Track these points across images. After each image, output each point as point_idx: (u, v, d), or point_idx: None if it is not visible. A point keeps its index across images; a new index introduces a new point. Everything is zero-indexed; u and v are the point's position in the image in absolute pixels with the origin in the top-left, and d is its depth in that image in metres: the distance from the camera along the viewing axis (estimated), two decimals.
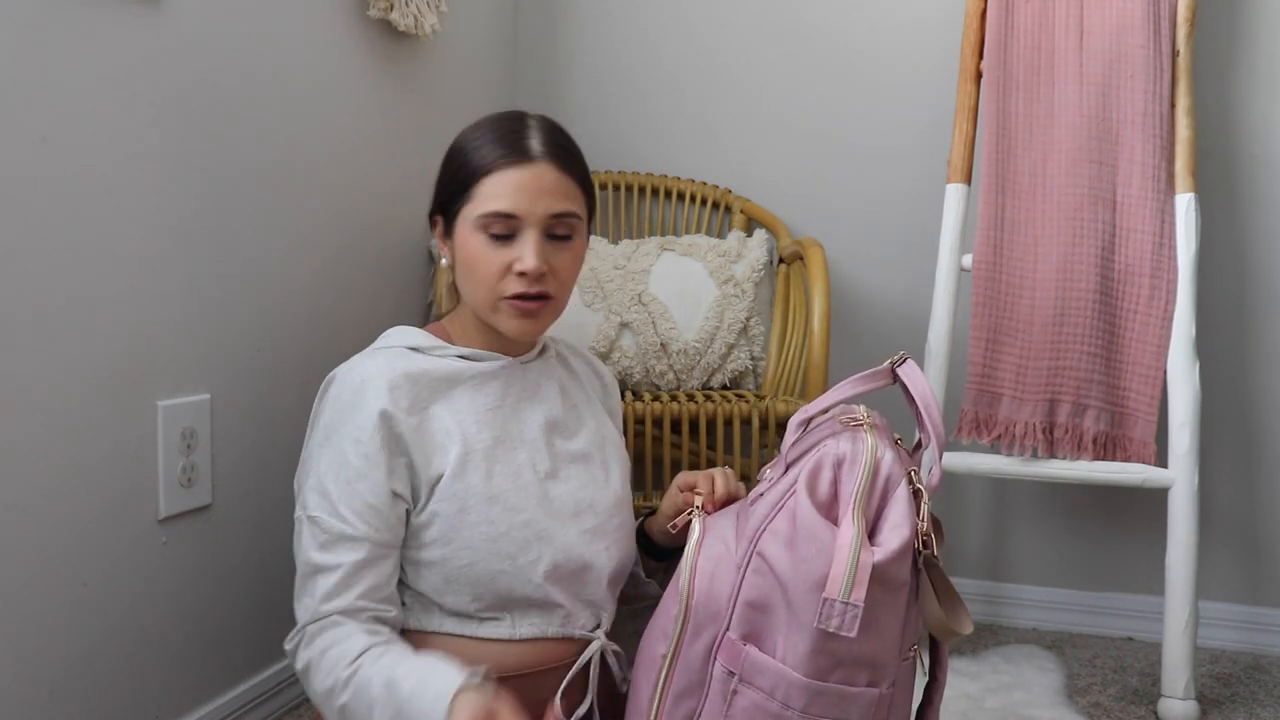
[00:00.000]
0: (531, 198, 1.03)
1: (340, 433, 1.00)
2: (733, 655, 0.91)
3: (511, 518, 1.01)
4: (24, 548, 1.06)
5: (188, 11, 1.25)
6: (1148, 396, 1.62)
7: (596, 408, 1.18)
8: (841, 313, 2.03)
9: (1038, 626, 1.97)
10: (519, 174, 1.03)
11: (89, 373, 1.13)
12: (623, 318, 1.74)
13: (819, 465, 0.91)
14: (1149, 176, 1.63)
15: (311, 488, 1.00)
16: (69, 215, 1.10)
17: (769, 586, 0.91)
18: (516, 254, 1.03)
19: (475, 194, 1.03)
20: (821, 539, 0.86)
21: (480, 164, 1.04)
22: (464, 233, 1.05)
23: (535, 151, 1.04)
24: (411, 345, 1.07)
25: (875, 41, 2.00)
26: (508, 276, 1.03)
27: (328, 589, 0.97)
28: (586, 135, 2.19)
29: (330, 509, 0.98)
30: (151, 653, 1.24)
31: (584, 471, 1.10)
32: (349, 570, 0.98)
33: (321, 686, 0.95)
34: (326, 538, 0.98)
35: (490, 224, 1.03)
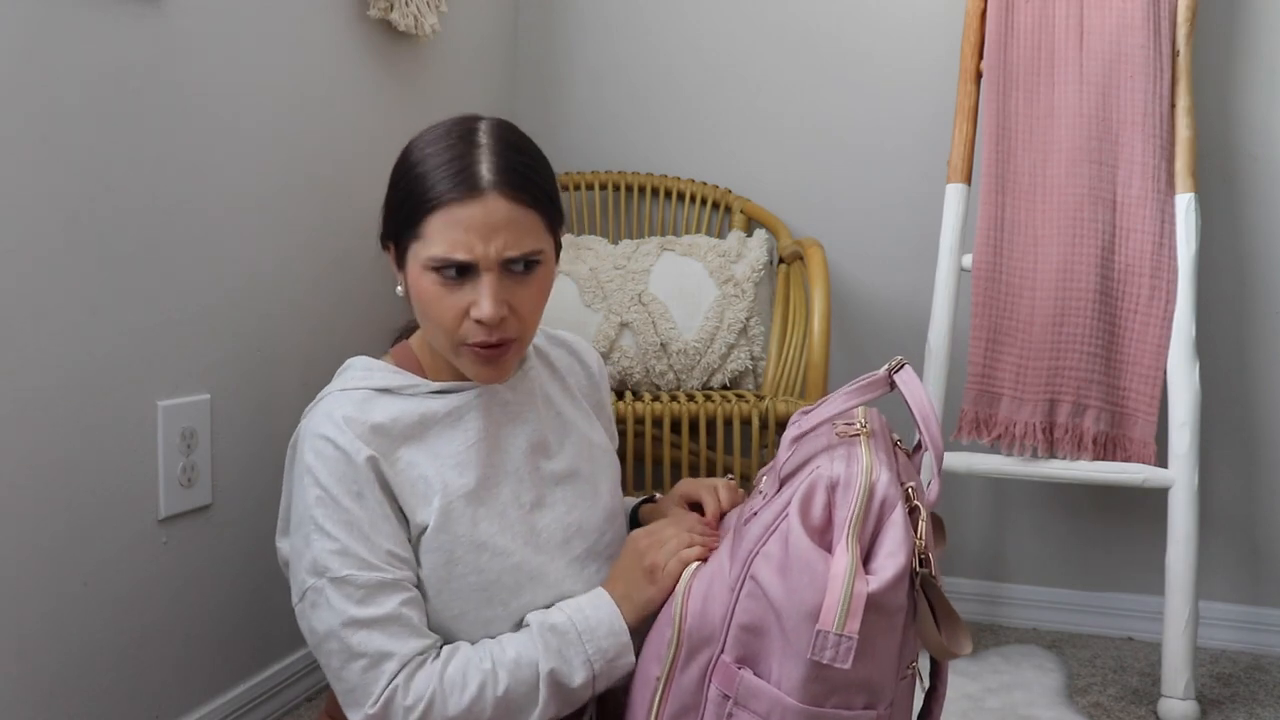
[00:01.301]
0: (483, 239, 0.92)
1: (337, 491, 0.93)
2: (727, 679, 0.89)
3: (501, 563, 0.97)
4: (24, 547, 1.06)
5: (188, 11, 1.25)
6: (1148, 396, 1.62)
7: (581, 407, 1.13)
8: (841, 313, 2.03)
9: (1038, 626, 1.97)
10: (466, 211, 0.92)
11: (89, 373, 1.13)
12: (623, 318, 1.74)
13: (812, 488, 0.88)
14: (1149, 176, 1.63)
15: (327, 551, 0.92)
16: (69, 215, 1.10)
17: (763, 610, 0.88)
18: (471, 298, 0.94)
19: (423, 232, 0.94)
20: (814, 568, 0.84)
21: (426, 198, 0.93)
22: (414, 271, 0.95)
23: (485, 181, 0.93)
24: (379, 386, 0.99)
25: (876, 42, 2.00)
26: (465, 322, 0.95)
27: (392, 635, 0.92)
28: (586, 135, 2.21)
29: (359, 563, 0.92)
30: (151, 652, 1.24)
31: (571, 493, 1.05)
32: (405, 613, 0.93)
33: (460, 702, 0.91)
34: (364, 592, 0.91)
35: (441, 267, 0.93)
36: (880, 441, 0.95)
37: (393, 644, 0.91)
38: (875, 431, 0.97)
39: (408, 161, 0.98)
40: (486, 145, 0.95)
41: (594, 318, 1.75)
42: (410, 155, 0.98)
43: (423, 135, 0.99)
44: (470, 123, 0.98)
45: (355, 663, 0.91)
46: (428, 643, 0.93)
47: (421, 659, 0.92)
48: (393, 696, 0.90)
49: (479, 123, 0.98)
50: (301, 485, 0.95)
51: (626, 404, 1.64)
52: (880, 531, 0.87)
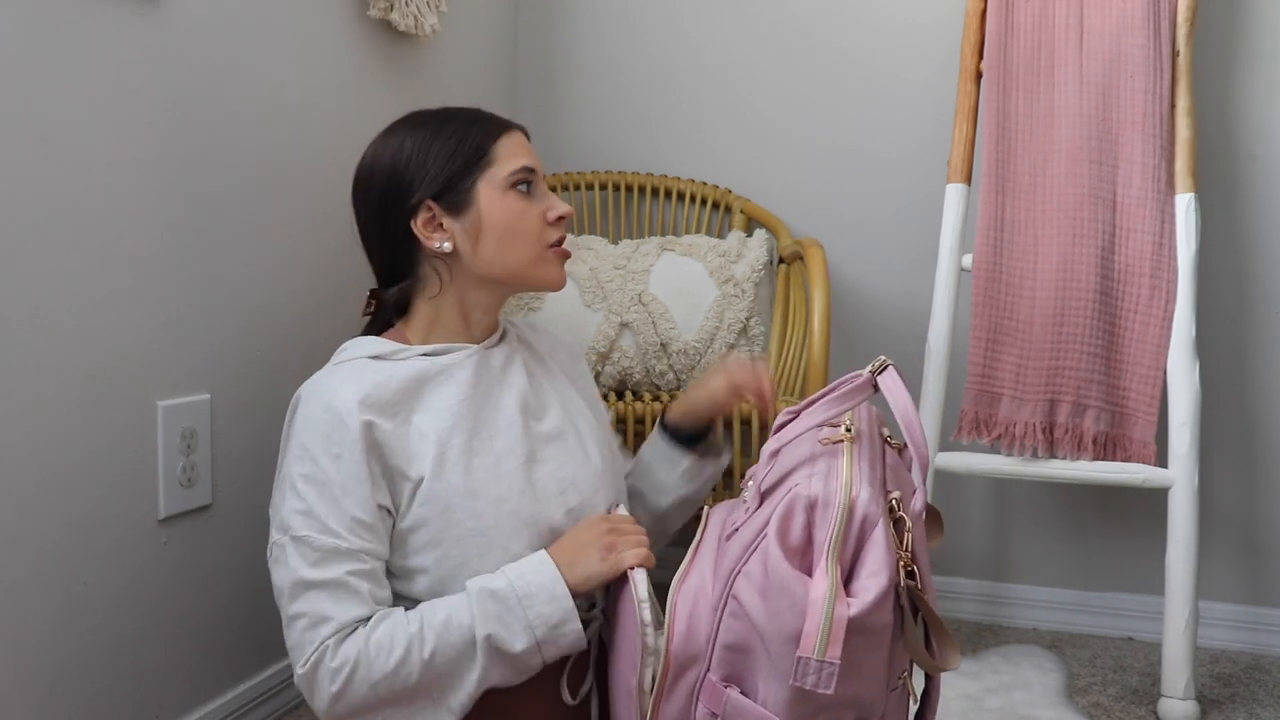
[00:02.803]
0: (532, 155, 1.12)
1: (315, 450, 0.98)
2: (714, 698, 0.88)
3: (497, 509, 1.01)
4: (24, 547, 1.06)
5: (188, 11, 1.25)
6: (1148, 396, 1.62)
7: (561, 383, 1.19)
8: (841, 313, 2.03)
9: (1038, 626, 1.97)
10: (519, 137, 1.12)
11: (89, 373, 1.13)
12: (623, 318, 1.74)
13: (790, 509, 0.85)
14: (1149, 176, 1.63)
15: (293, 510, 0.98)
16: (69, 215, 1.10)
17: (746, 630, 0.87)
18: (546, 204, 1.11)
19: (496, 157, 1.08)
20: (794, 593, 0.81)
21: (486, 131, 1.09)
22: (491, 198, 1.08)
23: (508, 120, 1.13)
24: (372, 354, 1.06)
25: (876, 42, 2.00)
26: (546, 227, 1.10)
27: (337, 600, 0.95)
28: (586, 135, 2.21)
29: (319, 526, 0.97)
30: (151, 652, 1.24)
31: (561, 450, 1.10)
32: (353, 581, 0.96)
33: (384, 665, 0.93)
34: (318, 555, 0.96)
35: (520, 179, 1.08)
36: (865, 447, 0.93)
37: (334, 608, 0.95)
38: (861, 433, 0.95)
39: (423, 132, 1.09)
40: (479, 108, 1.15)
41: (594, 318, 1.75)
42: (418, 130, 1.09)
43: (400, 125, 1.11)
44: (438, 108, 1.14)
45: (298, 621, 0.96)
46: (368, 612, 0.96)
47: (349, 630, 0.95)
48: (321, 658, 0.94)
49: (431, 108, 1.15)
50: (287, 446, 1.02)
51: (627, 404, 1.64)
52: (862, 550, 0.84)
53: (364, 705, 0.95)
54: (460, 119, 1.10)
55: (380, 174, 1.09)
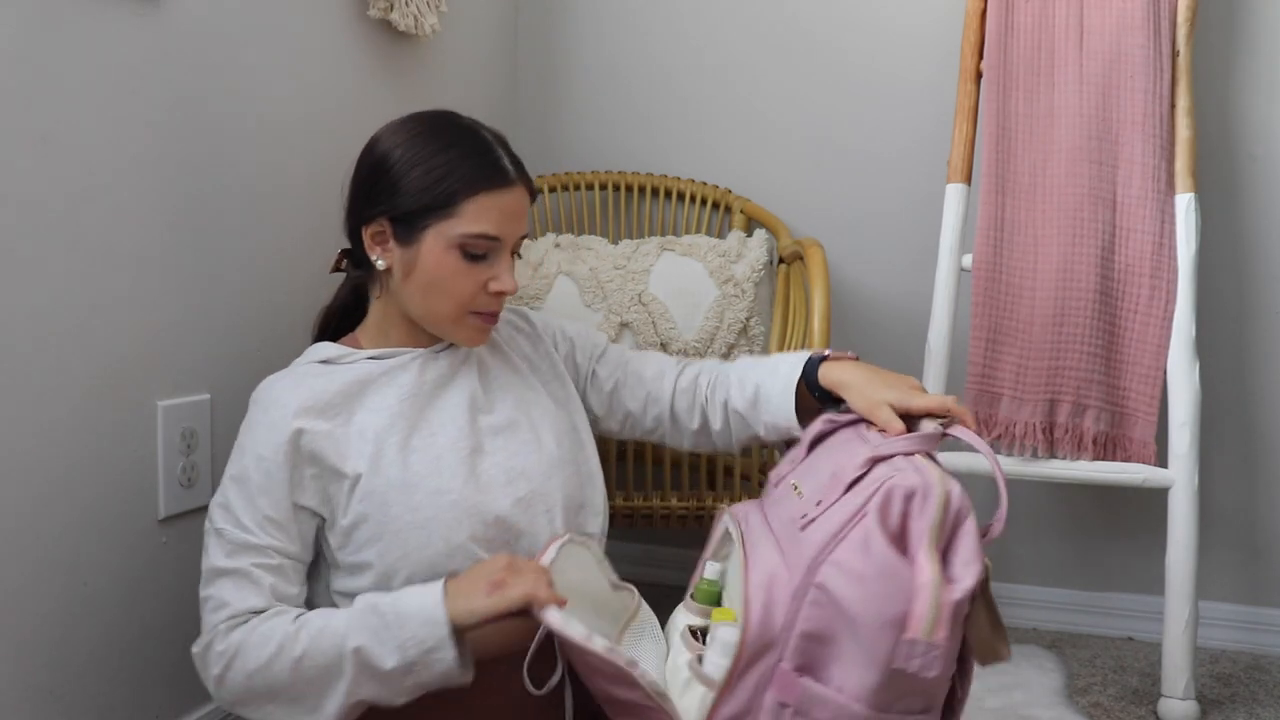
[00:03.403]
0: (511, 222, 1.08)
1: (246, 450, 1.03)
2: (787, 687, 0.88)
3: (436, 500, 1.03)
4: (24, 547, 1.06)
5: (188, 11, 1.25)
6: (1148, 396, 1.62)
7: (518, 373, 1.19)
8: (841, 313, 2.03)
9: (1038, 626, 1.97)
10: (503, 199, 1.07)
11: (89, 373, 1.13)
12: (623, 318, 1.74)
13: (889, 497, 0.88)
14: (1149, 176, 1.63)
15: (217, 504, 1.03)
16: (69, 215, 1.10)
17: (830, 619, 0.87)
18: (492, 273, 1.08)
19: (459, 212, 1.05)
20: (899, 577, 0.84)
21: (465, 183, 1.05)
22: (435, 247, 1.06)
23: (511, 175, 1.08)
24: (322, 359, 1.10)
25: (876, 42, 2.00)
26: (480, 295, 1.08)
27: (239, 588, 0.99)
28: (586, 135, 2.21)
29: (234, 521, 1.01)
30: (151, 652, 1.24)
31: (511, 440, 1.11)
32: (256, 573, 1.00)
33: (259, 658, 0.95)
34: (231, 547, 1.00)
35: (471, 244, 1.06)
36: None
37: (233, 596, 0.99)
38: None
39: (419, 149, 1.07)
40: (496, 142, 1.10)
41: (594, 318, 1.75)
42: (418, 144, 1.07)
43: (409, 131, 1.09)
44: (457, 116, 1.12)
45: (205, 605, 1.01)
46: (264, 604, 0.99)
47: (243, 619, 0.98)
48: (211, 641, 0.98)
49: (464, 117, 1.12)
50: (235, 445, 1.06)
51: None
52: (955, 539, 0.88)
53: (243, 694, 0.97)
54: (456, 153, 1.07)
55: (366, 164, 1.11)
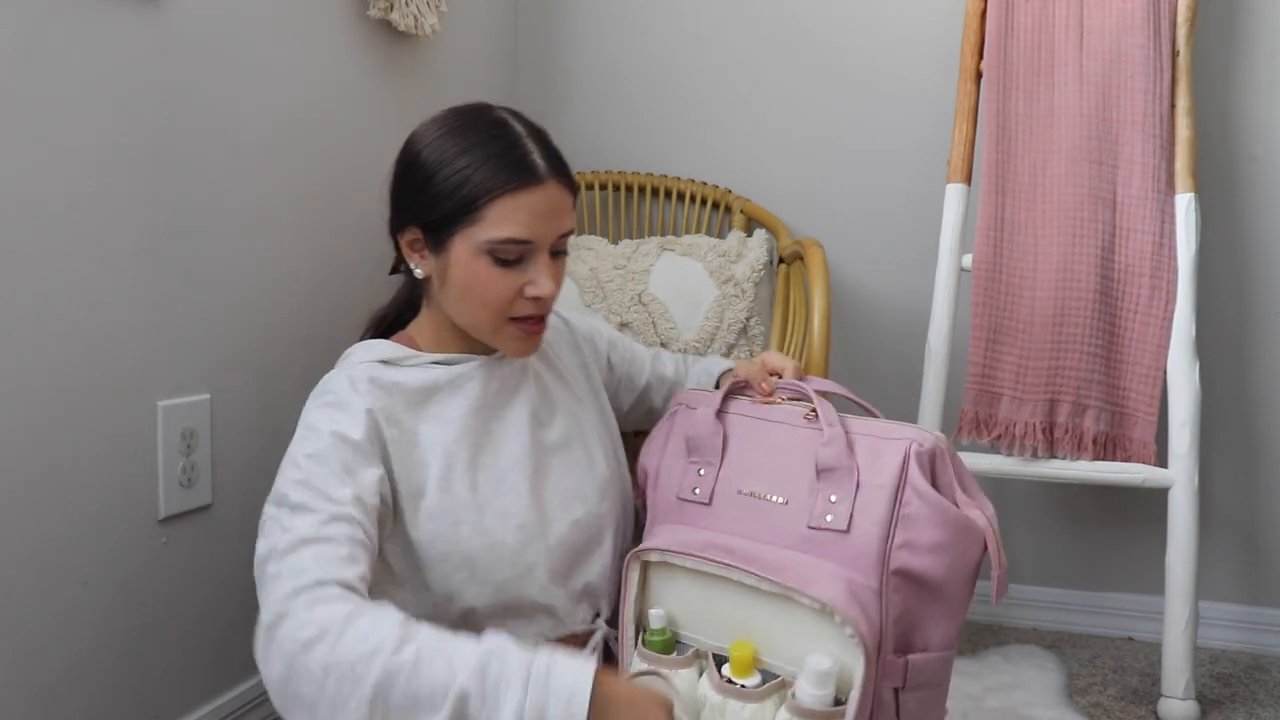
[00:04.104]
0: (544, 221, 1.00)
1: (320, 430, 0.95)
2: (894, 673, 0.92)
3: (504, 524, 1.00)
4: (24, 547, 1.06)
5: (188, 11, 1.25)
6: (1148, 396, 1.62)
7: (569, 385, 1.16)
8: (841, 313, 2.03)
9: (1038, 626, 1.96)
10: (531, 198, 0.99)
11: (89, 373, 1.13)
12: (623, 318, 1.74)
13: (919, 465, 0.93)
14: (1149, 176, 1.63)
15: (292, 481, 0.92)
16: (68, 214, 1.10)
17: (911, 596, 0.92)
18: (527, 278, 1.01)
19: (482, 217, 0.98)
20: (973, 527, 0.93)
21: (486, 186, 0.98)
22: (463, 254, 1.00)
23: (542, 170, 1.00)
24: (382, 358, 1.03)
25: (876, 42, 2.00)
26: (518, 300, 1.01)
27: (321, 558, 0.85)
28: (586, 135, 2.21)
29: (320, 495, 0.91)
30: (151, 652, 1.24)
31: (566, 459, 1.08)
32: (350, 546, 0.88)
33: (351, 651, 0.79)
34: (319, 519, 0.88)
35: (501, 250, 0.99)
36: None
37: (314, 564, 0.85)
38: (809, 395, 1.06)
39: (439, 154, 1.01)
40: (529, 137, 1.02)
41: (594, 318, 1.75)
42: (440, 148, 1.01)
43: (441, 128, 1.03)
44: (489, 111, 1.05)
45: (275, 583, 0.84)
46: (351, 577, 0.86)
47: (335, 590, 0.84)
48: (291, 611, 0.82)
49: (498, 111, 1.05)
50: (296, 433, 0.99)
51: None
52: (963, 479, 0.97)
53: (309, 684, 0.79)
54: (483, 152, 0.99)
55: (399, 168, 1.06)
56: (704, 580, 0.97)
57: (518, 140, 1.01)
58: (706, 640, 0.98)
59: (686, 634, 0.99)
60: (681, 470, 1.06)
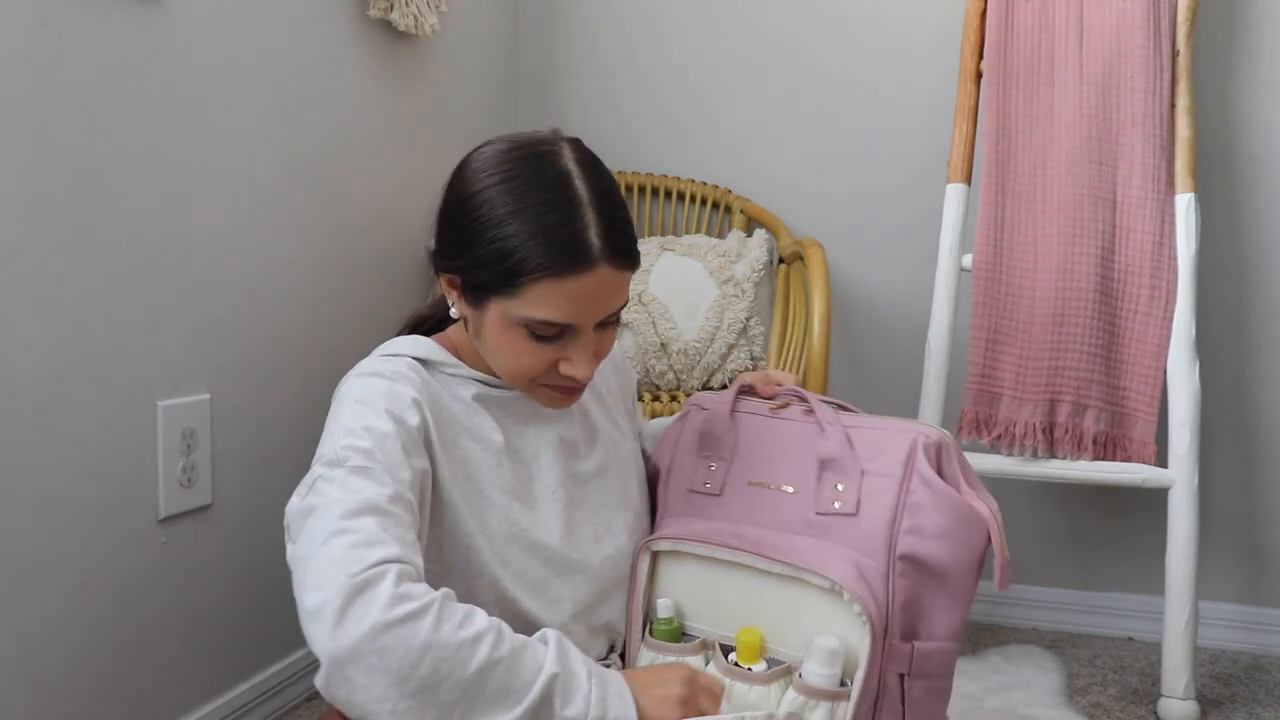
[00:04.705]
0: (590, 306, 0.90)
1: (379, 406, 0.88)
2: (900, 659, 0.93)
3: (532, 556, 0.95)
4: (24, 547, 1.06)
5: (188, 11, 1.25)
6: (1148, 396, 1.62)
7: (610, 413, 1.12)
8: (841, 313, 2.03)
9: (1038, 626, 1.96)
10: (577, 284, 0.88)
11: (89, 372, 1.13)
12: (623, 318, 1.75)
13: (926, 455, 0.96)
14: (1149, 176, 1.63)
15: (353, 447, 0.85)
16: (68, 215, 1.10)
17: (917, 582, 0.94)
18: (564, 354, 0.92)
19: (522, 295, 0.88)
20: (976, 516, 0.96)
21: (531, 265, 0.87)
22: (498, 318, 0.91)
23: (595, 252, 0.88)
24: (421, 356, 0.96)
25: (875, 42, 2.00)
26: (550, 373, 0.94)
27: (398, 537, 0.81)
28: (586, 135, 2.18)
29: (384, 468, 0.84)
30: (151, 653, 1.24)
31: (600, 491, 1.04)
32: (412, 532, 0.83)
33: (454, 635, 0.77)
34: (385, 491, 0.83)
35: (536, 329, 0.90)
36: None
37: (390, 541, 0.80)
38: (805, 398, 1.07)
39: (492, 208, 0.90)
40: (588, 201, 0.90)
41: None
42: (493, 199, 0.90)
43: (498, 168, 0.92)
44: (553, 159, 0.92)
45: (345, 536, 0.79)
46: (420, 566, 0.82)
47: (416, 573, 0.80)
48: (380, 577, 0.76)
49: (566, 160, 0.93)
50: (341, 406, 0.90)
51: None
52: (965, 471, 1.00)
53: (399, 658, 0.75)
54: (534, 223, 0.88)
55: (450, 200, 0.96)
56: (712, 568, 0.98)
57: (575, 212, 0.89)
58: (713, 630, 0.99)
59: (693, 624, 1.00)
60: (693, 465, 1.07)
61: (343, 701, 0.76)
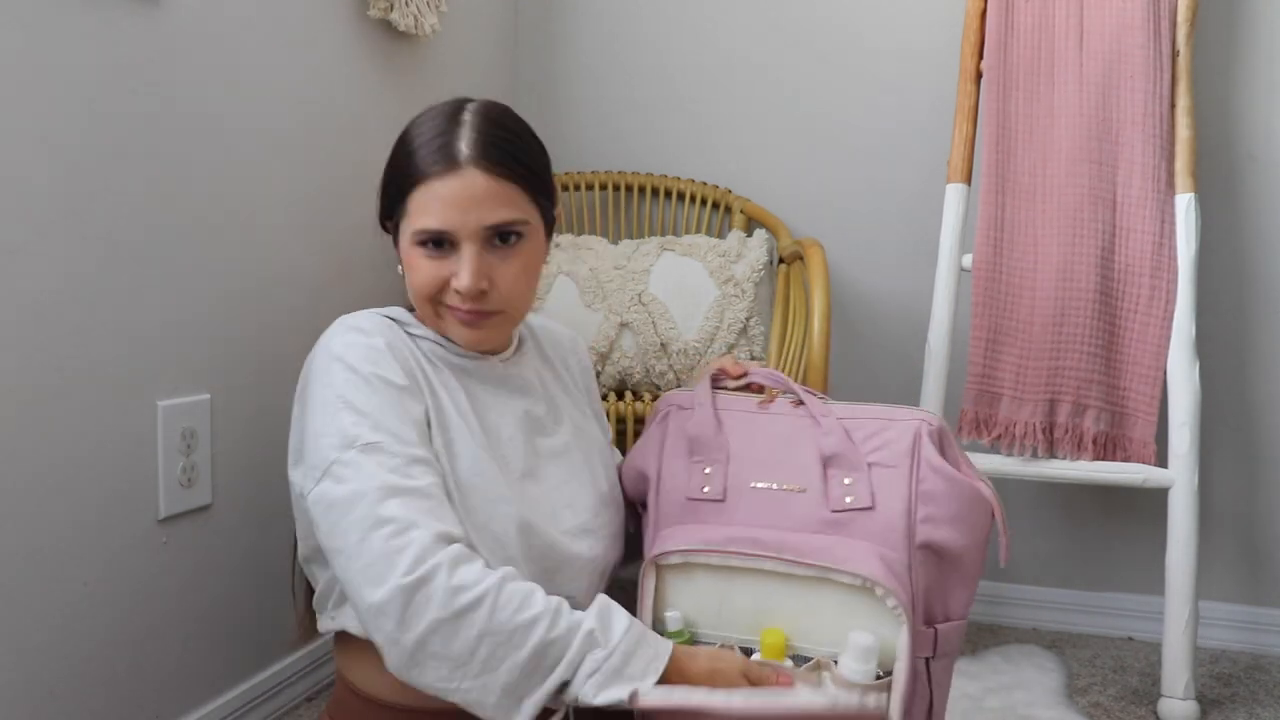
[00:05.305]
0: (461, 210, 0.94)
1: (365, 370, 0.92)
2: (925, 643, 0.95)
3: (492, 509, 0.94)
4: (24, 548, 1.06)
5: (188, 11, 1.25)
6: (1148, 396, 1.62)
7: (574, 395, 1.14)
8: (841, 313, 2.03)
9: (1038, 626, 1.97)
10: (445, 186, 0.94)
11: (89, 372, 1.13)
12: (623, 318, 1.74)
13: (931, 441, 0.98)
14: (1149, 176, 1.63)
15: (354, 423, 0.88)
16: (69, 215, 1.10)
17: (934, 568, 0.97)
18: (454, 269, 0.96)
19: (409, 208, 0.96)
20: (981, 498, 0.98)
21: (411, 174, 0.96)
22: (404, 243, 0.99)
23: (462, 156, 0.95)
24: (390, 315, 1.01)
25: (876, 41, 2.00)
26: (447, 290, 0.97)
27: (427, 510, 0.85)
28: (586, 135, 2.21)
29: (392, 434, 0.88)
30: (151, 653, 1.24)
31: (563, 470, 1.04)
32: (438, 494, 0.87)
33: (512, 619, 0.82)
34: (399, 460, 0.86)
35: (422, 238, 0.96)
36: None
37: (425, 519, 0.84)
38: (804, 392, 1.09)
39: (399, 142, 1.01)
40: (469, 123, 0.98)
41: (594, 318, 1.75)
42: (402, 136, 1.01)
43: (417, 117, 1.03)
44: (459, 103, 1.02)
45: (380, 530, 0.83)
46: (461, 532, 0.87)
47: (463, 548, 0.85)
48: (434, 572, 0.82)
49: (468, 103, 1.02)
50: (326, 372, 0.93)
51: (626, 404, 1.64)
52: (960, 453, 1.02)
53: (461, 646, 0.81)
54: (418, 142, 0.97)
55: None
56: (725, 576, 0.97)
57: (452, 128, 0.97)
58: (730, 635, 0.98)
59: (707, 632, 0.98)
60: (686, 470, 1.04)
61: (415, 683, 0.83)
